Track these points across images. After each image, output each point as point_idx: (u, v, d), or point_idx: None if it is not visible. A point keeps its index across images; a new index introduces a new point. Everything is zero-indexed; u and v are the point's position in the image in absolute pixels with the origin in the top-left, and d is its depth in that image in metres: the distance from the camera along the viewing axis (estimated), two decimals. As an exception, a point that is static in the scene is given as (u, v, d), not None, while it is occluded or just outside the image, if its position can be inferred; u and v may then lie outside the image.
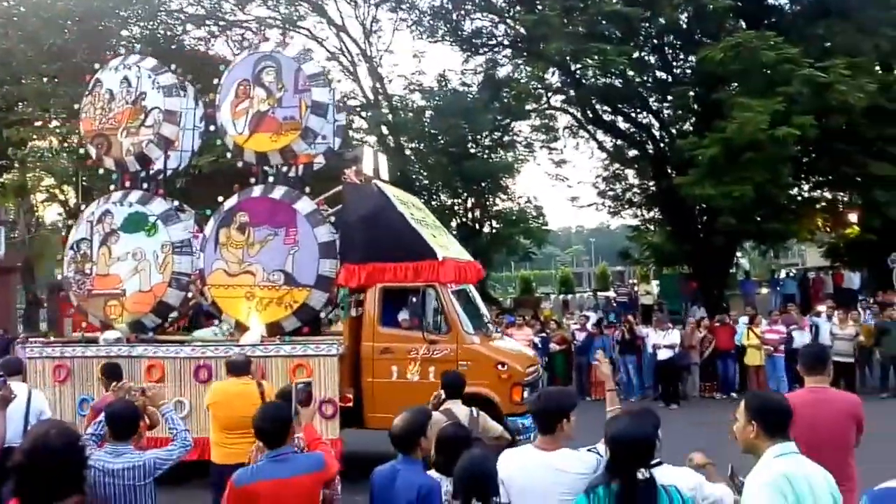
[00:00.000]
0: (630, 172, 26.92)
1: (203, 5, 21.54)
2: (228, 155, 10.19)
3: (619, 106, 23.59)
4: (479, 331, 9.22)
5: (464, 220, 25.58)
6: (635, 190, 27.06)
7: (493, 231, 26.12)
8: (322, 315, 9.68)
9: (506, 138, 25.20)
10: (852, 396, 4.54)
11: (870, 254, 21.55)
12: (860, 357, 14.43)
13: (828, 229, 23.84)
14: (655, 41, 22.32)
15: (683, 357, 14.51)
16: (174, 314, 9.98)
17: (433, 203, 25.19)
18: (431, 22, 24.39)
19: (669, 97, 21.57)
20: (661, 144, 23.30)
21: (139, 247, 9.53)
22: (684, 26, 20.83)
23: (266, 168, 9.73)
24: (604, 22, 19.97)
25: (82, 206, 10.57)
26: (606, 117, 25.19)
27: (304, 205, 9.28)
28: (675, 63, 22.85)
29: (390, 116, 23.09)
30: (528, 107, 24.25)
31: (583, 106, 24.60)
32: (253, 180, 9.69)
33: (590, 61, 19.93)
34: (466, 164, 23.12)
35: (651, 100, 23.22)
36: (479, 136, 23.94)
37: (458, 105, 22.00)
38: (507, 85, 23.48)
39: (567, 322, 17.85)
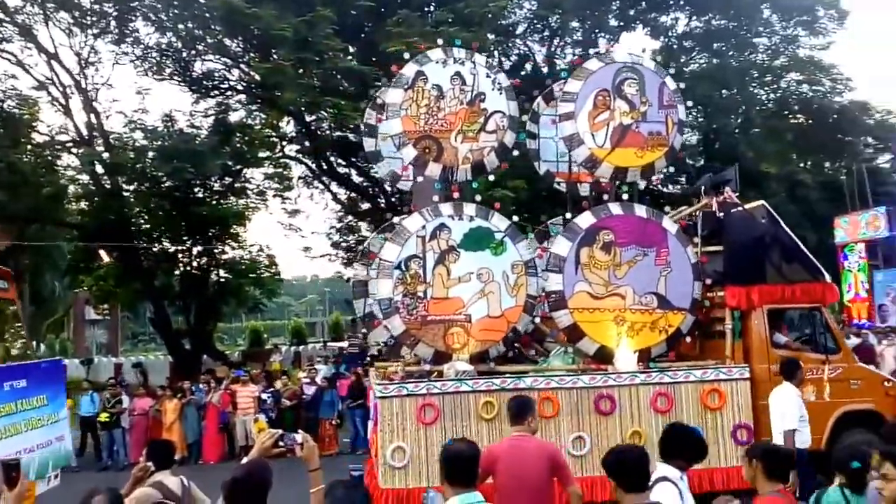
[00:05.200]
0: (363, 224, 27.43)
1: None
2: None
3: (353, 159, 24.03)
4: None
5: (188, 268, 24.07)
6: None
7: (221, 280, 24.88)
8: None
9: (237, 185, 24.28)
10: (547, 444, 4.82)
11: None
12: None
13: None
14: (388, 99, 23.16)
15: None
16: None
17: (154, 249, 23.44)
18: (158, 59, 22.95)
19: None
20: (393, 199, 24.07)
21: (485, 266, 8.63)
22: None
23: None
24: (339, 77, 20.32)
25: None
26: (341, 170, 25.50)
27: (670, 224, 9.10)
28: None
29: (106, 155, 21.19)
30: (261, 154, 23.73)
31: (317, 157, 24.68)
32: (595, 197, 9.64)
33: (324, 114, 20.08)
34: (193, 210, 21.89)
35: (383, 154, 23.91)
36: (207, 181, 22.79)
37: (186, 147, 20.37)
38: (239, 130, 22.77)
39: (299, 375, 17.37)
